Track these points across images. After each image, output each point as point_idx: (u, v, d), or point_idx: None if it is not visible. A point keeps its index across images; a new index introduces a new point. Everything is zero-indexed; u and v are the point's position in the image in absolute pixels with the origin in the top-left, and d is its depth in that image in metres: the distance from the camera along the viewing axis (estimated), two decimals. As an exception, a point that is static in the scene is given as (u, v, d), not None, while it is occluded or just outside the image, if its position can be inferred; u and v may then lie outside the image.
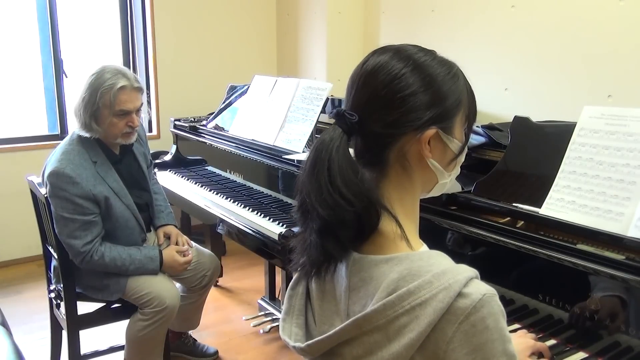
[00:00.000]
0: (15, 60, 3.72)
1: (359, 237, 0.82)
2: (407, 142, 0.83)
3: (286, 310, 0.92)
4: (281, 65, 4.47)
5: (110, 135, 2.13)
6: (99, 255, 2.06)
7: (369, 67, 0.85)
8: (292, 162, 2.32)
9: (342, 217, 0.78)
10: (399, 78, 0.82)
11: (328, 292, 0.88)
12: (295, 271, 0.93)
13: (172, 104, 4.05)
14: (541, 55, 2.79)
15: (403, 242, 0.82)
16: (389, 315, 0.75)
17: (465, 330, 0.72)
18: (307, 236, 0.83)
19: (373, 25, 3.85)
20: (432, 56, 0.86)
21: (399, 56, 0.84)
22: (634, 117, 1.42)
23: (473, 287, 0.74)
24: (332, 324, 0.85)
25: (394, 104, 0.81)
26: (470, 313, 0.72)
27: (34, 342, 2.72)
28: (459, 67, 0.88)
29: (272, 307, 2.84)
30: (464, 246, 1.60)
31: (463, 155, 0.90)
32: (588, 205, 1.42)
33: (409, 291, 0.74)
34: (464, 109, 0.87)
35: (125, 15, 4.02)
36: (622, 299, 1.26)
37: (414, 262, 0.78)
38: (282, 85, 2.69)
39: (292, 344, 0.87)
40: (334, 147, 0.80)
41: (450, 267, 0.76)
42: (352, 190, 0.78)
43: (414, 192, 0.88)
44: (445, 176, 0.89)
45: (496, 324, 0.73)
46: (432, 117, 0.82)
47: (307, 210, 0.82)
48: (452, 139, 0.86)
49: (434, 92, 0.83)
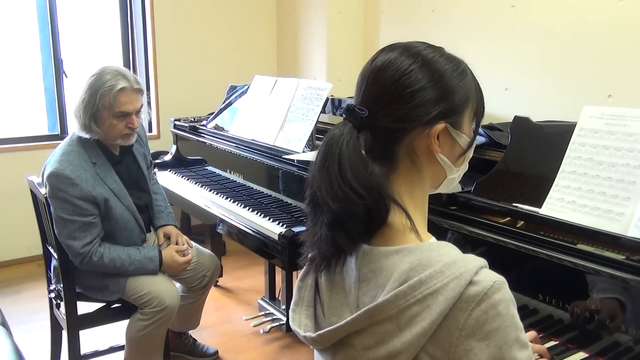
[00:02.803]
0: (15, 60, 3.72)
1: (369, 230, 0.83)
2: (416, 137, 0.84)
3: (295, 301, 0.93)
4: (281, 65, 4.47)
5: (110, 137, 2.13)
6: (98, 256, 2.06)
7: (379, 63, 0.86)
8: (292, 162, 2.32)
9: (353, 211, 0.80)
10: (407, 74, 0.83)
11: (337, 284, 0.89)
12: (304, 264, 0.93)
13: (172, 104, 4.05)
14: (541, 55, 2.79)
15: (412, 234, 0.83)
16: (401, 305, 0.76)
17: (477, 317, 0.73)
18: (318, 230, 0.84)
19: (373, 25, 3.85)
20: (440, 52, 0.87)
21: (407, 52, 0.85)
22: (634, 117, 1.42)
23: (483, 275, 0.75)
24: (341, 316, 0.86)
25: (403, 99, 0.82)
26: (482, 300, 0.73)
27: (34, 342, 2.72)
28: (467, 64, 0.89)
29: (272, 307, 2.83)
30: (464, 246, 1.60)
31: (471, 151, 0.91)
32: (588, 205, 1.42)
33: (420, 281, 0.75)
34: (472, 105, 0.89)
35: (125, 15, 4.02)
36: (622, 299, 1.26)
37: (424, 253, 0.79)
38: (282, 85, 2.69)
39: (303, 334, 0.88)
40: (344, 142, 0.81)
41: (460, 257, 0.78)
42: (363, 184, 0.79)
43: (423, 186, 0.89)
44: (453, 171, 0.90)
45: (507, 311, 0.74)
46: (440, 112, 0.83)
47: (318, 203, 0.83)
48: (460, 134, 0.87)
49: (443, 87, 0.84)
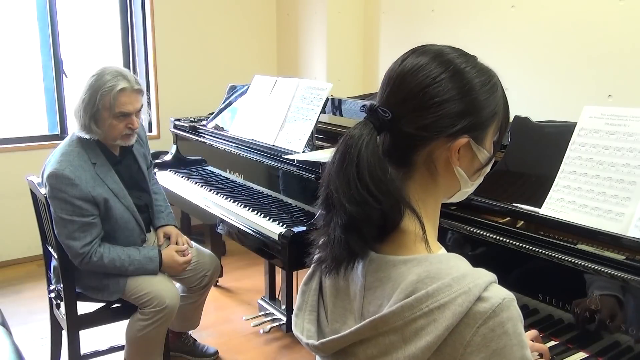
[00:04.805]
0: (15, 60, 3.72)
1: (380, 235, 0.82)
2: (437, 148, 0.82)
3: (299, 305, 0.92)
4: (281, 65, 4.47)
5: (110, 137, 2.13)
6: (98, 257, 2.06)
7: (407, 66, 0.83)
8: (292, 162, 2.32)
9: (369, 214, 0.78)
10: (437, 82, 0.80)
11: (342, 290, 0.87)
12: (312, 265, 0.92)
13: (172, 104, 4.05)
14: (541, 55, 2.79)
15: (422, 244, 0.81)
16: (407, 317, 0.74)
17: (484, 334, 0.72)
18: (331, 231, 0.82)
19: (373, 25, 3.85)
20: (473, 63, 0.84)
21: (439, 59, 0.82)
22: (634, 117, 1.42)
23: (492, 292, 0.74)
24: (345, 322, 0.85)
25: (428, 107, 0.80)
26: (489, 317, 0.72)
27: (34, 342, 2.72)
28: (498, 77, 0.86)
29: (272, 307, 2.83)
30: (464, 246, 1.60)
31: (489, 167, 0.89)
32: (588, 205, 1.42)
33: (427, 294, 0.73)
34: (498, 121, 0.86)
35: (125, 15, 4.02)
36: (622, 299, 1.26)
37: (433, 265, 0.77)
38: (282, 85, 2.68)
39: (305, 341, 0.86)
40: (364, 143, 0.79)
41: (469, 271, 0.76)
42: (380, 188, 0.77)
43: (437, 196, 0.87)
44: (468, 185, 0.88)
45: (515, 329, 0.73)
46: (465, 126, 0.81)
47: (332, 204, 0.81)
48: (482, 150, 0.85)
49: (471, 101, 0.81)
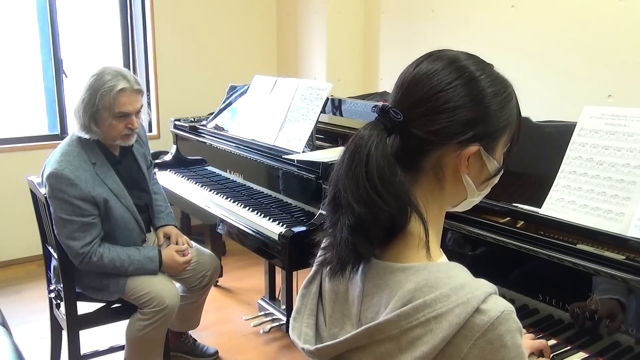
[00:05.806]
0: (15, 60, 3.72)
1: (386, 238, 0.80)
2: (446, 154, 0.81)
3: (297, 309, 0.91)
4: (281, 65, 4.47)
5: (110, 137, 2.13)
6: (98, 257, 2.06)
7: (422, 70, 0.82)
8: (292, 162, 2.32)
9: (377, 216, 0.77)
10: (450, 88, 0.79)
11: (341, 295, 0.87)
12: (314, 268, 0.91)
13: (172, 104, 4.05)
14: (541, 55, 2.79)
15: (423, 251, 0.80)
16: (403, 326, 0.73)
17: (482, 347, 0.71)
18: (338, 232, 0.80)
19: (373, 25, 3.85)
20: (488, 72, 0.83)
21: (454, 65, 0.82)
22: (634, 117, 1.42)
23: (491, 304, 0.72)
24: (343, 327, 0.84)
25: (441, 112, 0.79)
26: (488, 330, 0.71)
27: (34, 342, 2.72)
28: (513, 87, 0.85)
29: (272, 307, 2.83)
30: (464, 246, 1.60)
31: (497, 178, 0.88)
32: (588, 205, 1.42)
33: (425, 303, 0.73)
34: (510, 132, 0.85)
35: (125, 15, 4.02)
36: (622, 299, 1.26)
37: (431, 273, 0.76)
38: (282, 85, 2.68)
39: (301, 346, 0.86)
40: (373, 144, 0.78)
41: (469, 281, 0.75)
42: (388, 190, 0.76)
43: (442, 203, 0.86)
44: (475, 194, 0.87)
45: (514, 342, 0.72)
46: (477, 134, 0.80)
47: (340, 204, 0.79)
48: (491, 159, 0.84)
49: (483, 111, 0.81)
